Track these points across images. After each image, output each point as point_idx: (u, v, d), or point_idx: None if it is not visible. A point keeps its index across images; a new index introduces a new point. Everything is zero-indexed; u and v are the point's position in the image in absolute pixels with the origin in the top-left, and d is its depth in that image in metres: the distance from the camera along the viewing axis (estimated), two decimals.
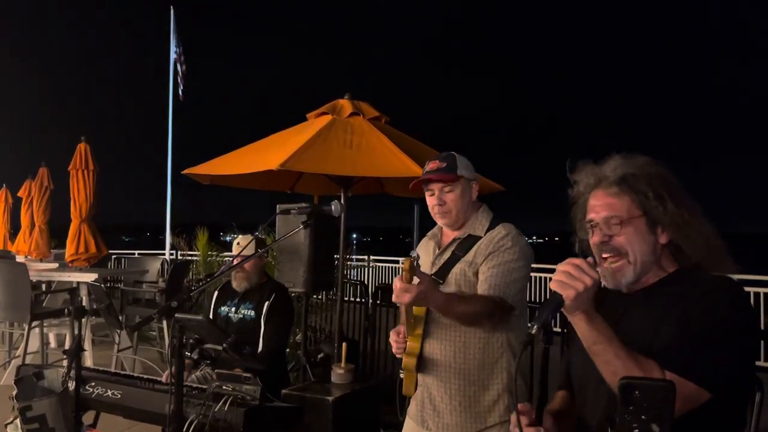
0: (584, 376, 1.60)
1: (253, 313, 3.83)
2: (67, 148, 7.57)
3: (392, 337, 2.39)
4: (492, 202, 2.57)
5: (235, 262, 3.59)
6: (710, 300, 1.42)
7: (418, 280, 2.05)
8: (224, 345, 2.86)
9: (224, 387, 2.81)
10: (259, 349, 3.71)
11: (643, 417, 1.02)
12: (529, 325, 1.30)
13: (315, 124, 4.68)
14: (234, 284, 3.92)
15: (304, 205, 3.11)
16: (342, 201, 4.66)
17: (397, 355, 2.39)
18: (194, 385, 3.00)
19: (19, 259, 8.65)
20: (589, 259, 1.41)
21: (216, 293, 4.08)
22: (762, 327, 7.59)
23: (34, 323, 5.95)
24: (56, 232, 9.81)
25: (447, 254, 2.41)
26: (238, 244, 4.19)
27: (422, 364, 2.37)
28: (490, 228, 2.38)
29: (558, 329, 4.86)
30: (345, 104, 4.81)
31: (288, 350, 4.79)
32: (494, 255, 2.29)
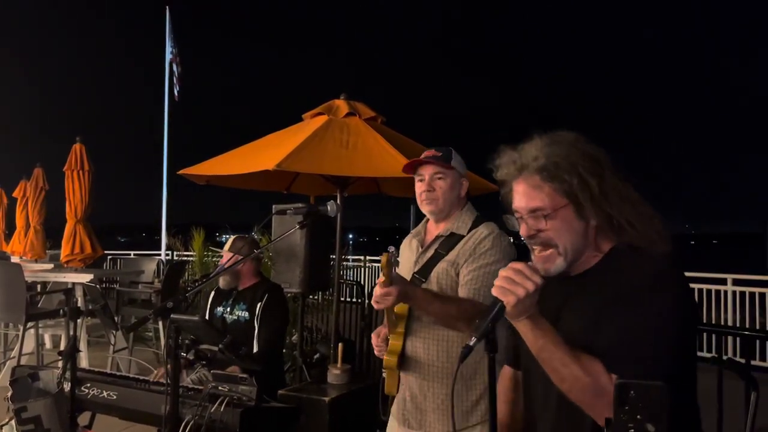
0: (531, 361, 1.56)
1: (246, 314, 3.83)
2: (63, 148, 7.56)
3: (373, 340, 2.40)
4: (491, 201, 2.57)
5: (228, 264, 3.59)
6: (653, 296, 1.37)
7: (398, 277, 2.04)
8: (220, 345, 2.86)
9: (220, 388, 2.80)
10: (254, 349, 3.71)
11: (638, 417, 1.02)
12: (471, 336, 1.28)
13: (311, 124, 4.68)
14: (220, 283, 3.93)
15: (300, 205, 3.10)
16: (338, 201, 4.66)
17: (378, 356, 2.39)
18: (190, 386, 3.00)
19: (14, 259, 8.63)
20: (531, 263, 1.39)
21: (212, 294, 4.07)
22: (758, 327, 7.62)
23: (30, 324, 5.93)
24: (51, 233, 9.79)
25: (430, 252, 2.40)
26: (227, 244, 4.20)
27: (404, 362, 2.36)
28: (473, 227, 2.37)
29: None
30: (341, 104, 4.81)
31: (284, 351, 4.79)
32: (475, 257, 2.28)
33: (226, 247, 4.10)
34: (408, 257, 2.50)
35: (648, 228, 1.46)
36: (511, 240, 2.36)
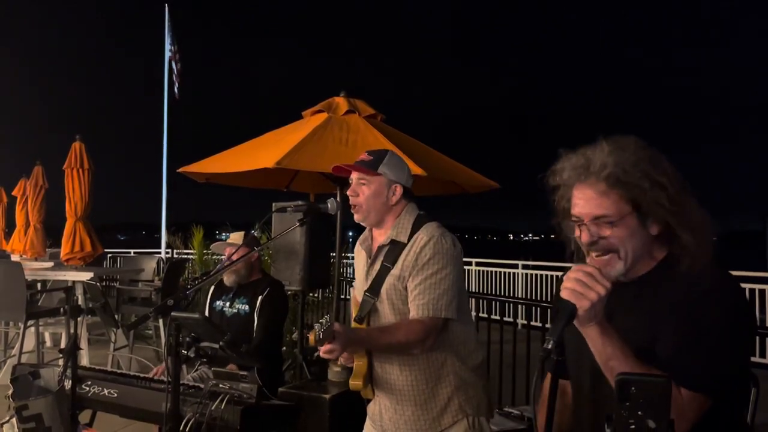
0: (579, 374, 1.57)
1: (247, 307, 3.83)
2: (62, 146, 7.56)
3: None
4: (492, 199, 2.53)
5: (230, 260, 3.59)
6: (711, 302, 1.37)
7: (334, 332, 1.94)
8: (221, 343, 2.86)
9: (221, 385, 2.80)
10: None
11: (639, 413, 1.02)
12: (547, 338, 1.24)
13: (310, 122, 4.68)
14: (224, 279, 3.93)
15: (300, 203, 3.11)
16: (338, 199, 4.66)
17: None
18: (191, 384, 3.00)
19: (14, 258, 8.63)
20: (598, 267, 1.37)
21: (212, 288, 4.08)
22: (758, 324, 7.63)
23: (30, 322, 5.93)
24: (51, 231, 9.79)
25: (377, 266, 2.33)
26: (230, 238, 4.20)
27: (374, 382, 2.36)
28: (414, 231, 2.29)
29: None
30: (340, 102, 4.81)
31: (284, 348, 4.79)
32: (418, 269, 2.21)
33: (237, 239, 4.10)
34: (360, 268, 2.45)
35: (705, 235, 1.45)
36: (453, 239, 2.28)
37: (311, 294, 6.43)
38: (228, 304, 3.92)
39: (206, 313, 3.96)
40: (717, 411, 1.36)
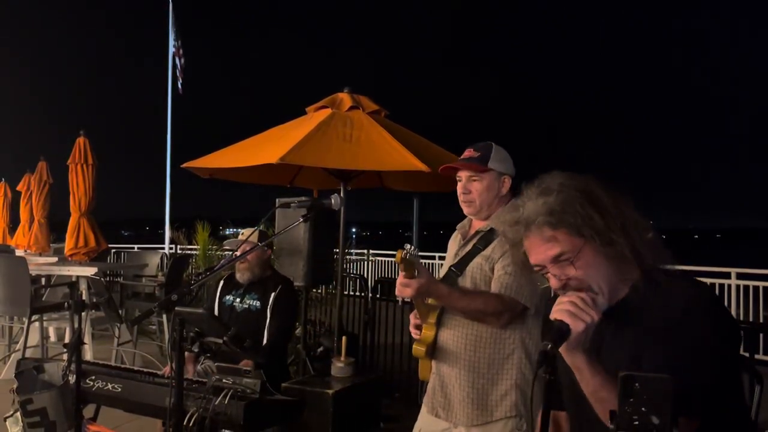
0: (575, 401, 1.52)
1: (258, 303, 3.83)
2: (66, 142, 7.57)
3: (411, 319, 2.42)
4: None
5: (238, 253, 3.59)
6: (692, 323, 1.35)
7: (419, 268, 2.05)
8: (224, 338, 2.86)
9: (224, 380, 2.81)
10: (264, 340, 3.72)
11: (643, 409, 1.02)
12: (545, 343, 1.23)
13: (314, 117, 4.68)
14: (237, 275, 3.93)
15: (303, 198, 3.11)
16: (341, 195, 4.66)
17: (414, 336, 2.41)
18: (195, 379, 3.01)
19: (19, 253, 8.65)
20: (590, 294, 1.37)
21: (221, 282, 4.08)
22: (761, 320, 7.61)
23: (34, 317, 5.95)
24: (55, 226, 9.82)
25: (469, 246, 2.41)
26: (242, 234, 4.21)
27: (436, 352, 2.40)
28: None
29: None
30: (344, 98, 4.81)
31: (288, 344, 4.81)
32: (507, 254, 2.25)
33: (249, 236, 4.11)
34: (451, 251, 2.53)
35: (649, 248, 1.45)
36: None
37: (314, 290, 6.44)
38: (239, 299, 3.92)
39: (215, 308, 3.97)
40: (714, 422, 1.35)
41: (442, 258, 6.88)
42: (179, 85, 12.44)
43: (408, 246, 2.04)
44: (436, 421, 2.42)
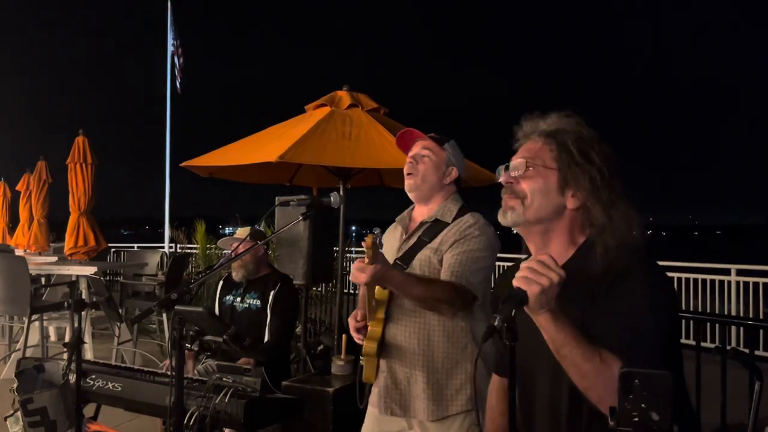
0: (531, 366, 1.53)
1: (258, 302, 3.84)
2: (65, 141, 7.56)
3: (351, 323, 2.35)
4: (495, 192, 2.54)
5: (234, 254, 3.59)
6: (634, 282, 1.38)
7: (378, 254, 2.00)
8: (224, 337, 2.87)
9: (225, 379, 2.81)
10: (266, 339, 3.73)
11: (642, 405, 1.02)
12: (494, 316, 1.24)
13: (313, 115, 4.67)
14: (233, 274, 3.93)
15: (303, 197, 3.10)
16: (341, 193, 4.66)
17: (357, 339, 2.35)
18: (195, 377, 3.01)
19: (18, 252, 8.66)
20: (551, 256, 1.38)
21: (221, 283, 4.09)
22: (762, 317, 7.61)
23: (34, 317, 5.96)
24: (55, 226, 9.82)
25: (413, 240, 2.37)
26: (238, 233, 4.22)
27: (385, 349, 2.33)
28: (458, 216, 2.35)
29: None
30: (343, 96, 4.81)
31: (290, 342, 4.81)
32: (459, 242, 2.26)
33: (243, 234, 4.11)
34: (391, 244, 2.46)
35: (623, 223, 1.46)
36: (495, 233, 2.34)
37: (314, 288, 6.44)
38: (239, 299, 3.93)
39: (216, 308, 3.98)
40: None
41: None
42: (178, 85, 12.43)
43: (377, 230, 2.00)
44: (390, 421, 2.36)
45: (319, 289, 6.78)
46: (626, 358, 1.29)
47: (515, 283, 1.31)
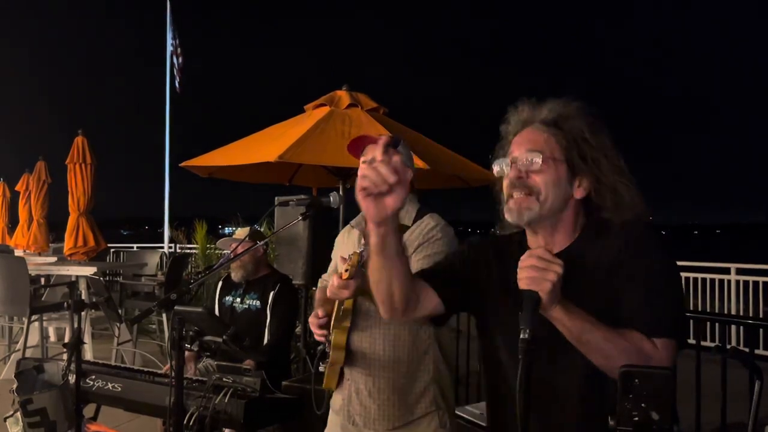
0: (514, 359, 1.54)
1: (258, 303, 3.83)
2: (65, 141, 7.56)
3: (313, 322, 2.31)
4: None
5: (233, 255, 3.59)
6: (646, 254, 1.40)
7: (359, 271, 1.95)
8: (224, 337, 2.86)
9: (224, 379, 2.81)
10: (265, 339, 3.73)
11: (642, 405, 1.02)
12: (521, 328, 1.18)
13: (313, 115, 4.67)
14: (232, 275, 3.93)
15: (302, 197, 3.10)
16: (341, 192, 4.66)
17: (318, 337, 2.32)
18: (195, 378, 3.01)
19: (18, 253, 8.66)
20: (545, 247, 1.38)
21: (220, 283, 4.09)
22: (762, 316, 7.61)
23: (34, 317, 5.95)
24: (54, 226, 9.81)
25: None
26: (237, 233, 4.21)
27: (349, 357, 2.31)
28: (417, 218, 2.31)
29: None
30: (343, 95, 4.80)
31: (290, 342, 4.81)
32: (424, 246, 2.23)
33: (242, 234, 4.10)
34: (348, 249, 2.39)
35: (633, 198, 1.46)
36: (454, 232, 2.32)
37: (314, 288, 6.44)
38: (239, 299, 3.92)
39: (216, 309, 3.97)
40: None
41: None
42: (177, 84, 12.42)
43: (361, 248, 1.96)
44: (354, 430, 2.34)
45: None
46: (648, 330, 1.32)
47: (522, 285, 1.28)
